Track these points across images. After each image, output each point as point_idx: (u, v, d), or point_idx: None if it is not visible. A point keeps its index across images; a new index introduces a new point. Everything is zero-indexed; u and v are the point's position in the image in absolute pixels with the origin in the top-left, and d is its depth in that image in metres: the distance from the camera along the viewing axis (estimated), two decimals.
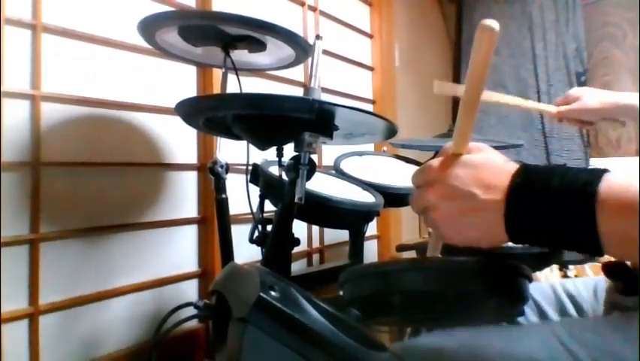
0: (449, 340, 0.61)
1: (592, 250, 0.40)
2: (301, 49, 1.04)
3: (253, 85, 1.47)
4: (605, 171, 0.40)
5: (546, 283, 0.78)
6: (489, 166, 0.45)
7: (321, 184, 1.05)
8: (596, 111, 1.03)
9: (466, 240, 0.47)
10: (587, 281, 0.76)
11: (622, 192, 0.38)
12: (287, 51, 1.07)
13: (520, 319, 0.72)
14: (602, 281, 0.73)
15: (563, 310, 0.73)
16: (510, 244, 0.83)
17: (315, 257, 1.76)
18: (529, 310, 0.72)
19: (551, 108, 1.10)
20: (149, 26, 0.97)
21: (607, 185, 0.39)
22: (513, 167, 0.44)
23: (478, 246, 0.47)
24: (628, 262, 0.66)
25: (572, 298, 0.73)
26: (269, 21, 0.93)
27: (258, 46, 1.03)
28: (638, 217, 0.37)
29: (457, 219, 0.46)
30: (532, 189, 0.42)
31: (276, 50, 1.07)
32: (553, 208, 0.40)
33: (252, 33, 0.98)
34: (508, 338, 0.60)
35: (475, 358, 0.56)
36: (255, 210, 1.03)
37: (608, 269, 0.67)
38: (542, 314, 0.73)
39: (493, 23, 0.41)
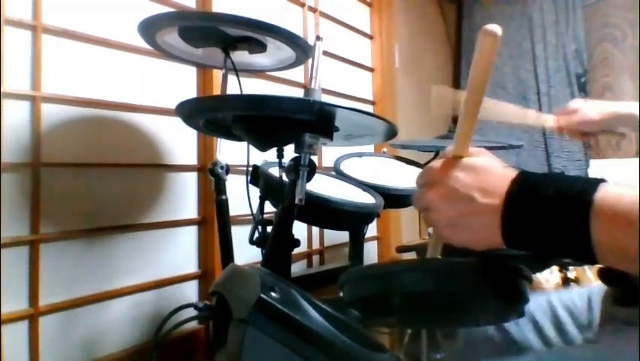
0: None
1: (585, 258, 0.41)
2: (301, 50, 1.04)
3: (253, 86, 1.47)
4: (601, 180, 0.41)
5: (541, 294, 0.78)
6: (489, 171, 0.46)
7: (321, 185, 1.05)
8: (596, 123, 1.04)
9: (462, 241, 0.48)
10: (582, 291, 0.76)
11: (616, 202, 0.39)
12: (287, 52, 1.07)
13: (516, 332, 0.72)
14: (596, 292, 0.73)
15: (558, 322, 0.73)
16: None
17: (315, 258, 1.76)
18: (524, 322, 0.72)
19: (549, 120, 1.11)
20: (150, 27, 0.97)
21: (602, 194, 0.39)
22: (512, 173, 0.45)
23: (473, 248, 0.48)
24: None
25: (568, 309, 0.73)
26: (269, 22, 0.93)
27: (259, 47, 1.03)
28: (632, 227, 0.37)
29: (455, 220, 0.47)
30: (529, 195, 0.43)
31: (276, 51, 1.07)
32: (549, 216, 0.41)
33: (252, 34, 0.98)
34: None
35: None
36: (255, 211, 1.03)
37: (605, 275, 0.67)
38: (537, 327, 0.73)
39: (495, 28, 0.42)
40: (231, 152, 1.16)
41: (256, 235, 0.99)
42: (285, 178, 0.84)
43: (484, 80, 0.44)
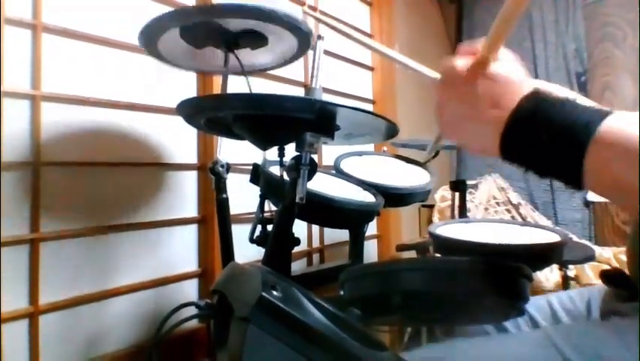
0: (447, 351, 0.61)
1: (574, 182, 0.42)
2: (303, 37, 1.03)
3: (254, 85, 1.46)
4: (608, 113, 0.41)
5: (541, 296, 0.78)
6: (506, 83, 0.46)
7: (321, 184, 1.05)
8: None
9: (460, 141, 0.51)
10: (582, 292, 0.76)
11: (617, 135, 0.39)
12: (289, 42, 1.06)
13: (515, 331, 0.72)
14: (596, 293, 0.73)
15: (557, 324, 0.72)
16: (509, 244, 0.83)
17: (315, 257, 1.76)
18: (524, 323, 0.72)
19: None
20: (151, 32, 0.95)
21: (604, 128, 0.40)
22: (527, 88, 0.45)
23: (469, 150, 0.51)
24: (626, 271, 0.66)
25: (567, 311, 0.73)
26: (268, 7, 0.91)
27: (260, 41, 1.02)
28: (631, 159, 0.38)
29: (459, 121, 0.49)
30: (535, 119, 0.43)
31: (277, 43, 1.06)
32: (550, 140, 0.42)
33: (252, 25, 0.97)
34: (504, 345, 0.60)
35: None
36: (255, 210, 1.03)
37: (606, 277, 0.67)
38: (537, 327, 0.73)
39: None
40: (232, 150, 1.16)
41: (256, 233, 0.99)
42: (285, 177, 0.84)
43: None
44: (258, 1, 0.87)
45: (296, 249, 0.90)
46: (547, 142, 0.42)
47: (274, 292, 0.45)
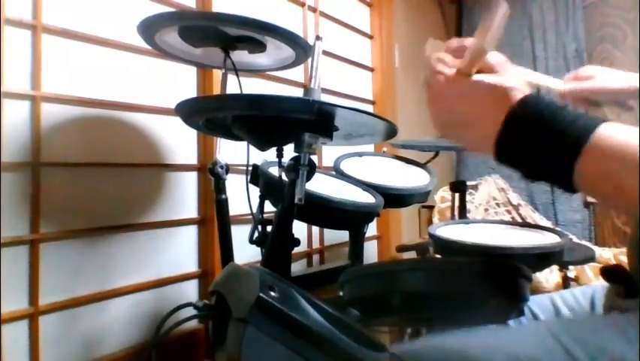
0: (447, 341, 0.61)
1: (567, 185, 0.42)
2: (301, 49, 1.04)
3: (253, 86, 1.47)
4: (602, 121, 0.41)
5: (545, 295, 0.77)
6: (493, 89, 0.46)
7: (321, 185, 1.05)
8: (614, 92, 0.98)
9: (454, 139, 0.51)
10: (585, 290, 0.76)
11: (610, 142, 0.40)
12: (287, 52, 1.07)
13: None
14: (599, 291, 0.72)
15: None
16: (509, 244, 0.83)
17: (315, 258, 1.76)
18: (526, 322, 0.72)
19: (559, 84, 1.04)
20: (149, 27, 0.97)
21: (597, 136, 0.40)
22: (518, 93, 0.45)
23: (465, 147, 0.51)
24: (626, 266, 0.66)
25: (571, 308, 0.73)
26: (269, 22, 0.93)
27: (258, 47, 1.03)
28: (624, 161, 0.38)
29: (455, 130, 0.49)
30: (530, 122, 0.43)
31: (275, 51, 1.07)
32: (543, 146, 0.42)
33: (251, 34, 0.98)
34: (506, 336, 0.60)
35: (471, 357, 0.56)
36: (254, 210, 1.03)
37: (607, 273, 0.66)
38: None
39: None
40: (231, 151, 1.16)
41: (256, 234, 0.99)
42: (284, 178, 0.84)
43: None
44: (260, 6, 0.87)
45: (296, 250, 0.90)
46: (540, 145, 0.42)
47: (272, 293, 0.45)
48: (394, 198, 1.19)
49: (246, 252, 1.18)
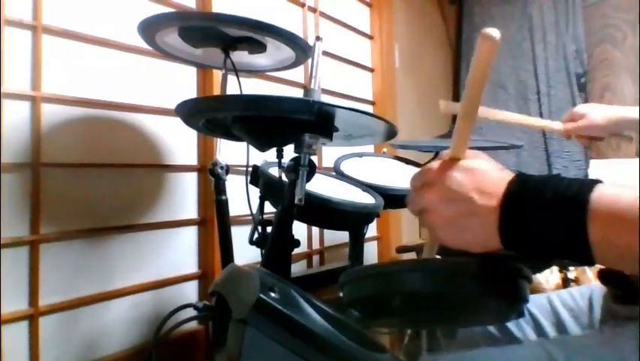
0: None
1: (583, 259, 0.41)
2: (301, 50, 1.04)
3: (253, 86, 1.47)
4: (597, 181, 0.41)
5: (542, 294, 0.77)
6: (486, 172, 0.46)
7: (321, 186, 1.05)
8: (603, 127, 1.05)
9: (460, 243, 0.48)
10: (583, 290, 0.76)
11: (612, 203, 0.39)
12: (287, 52, 1.07)
13: (517, 332, 0.71)
14: (597, 291, 0.72)
15: (559, 323, 0.72)
16: None
17: (315, 258, 1.76)
18: (525, 323, 0.72)
19: (557, 125, 1.12)
20: (150, 28, 0.97)
21: (598, 195, 0.40)
22: (509, 175, 0.46)
23: (471, 250, 0.47)
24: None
25: (569, 309, 0.73)
26: (269, 22, 0.93)
27: (258, 47, 1.03)
28: (628, 228, 0.38)
29: (453, 221, 0.46)
30: (527, 196, 0.43)
31: (275, 52, 1.07)
32: (546, 217, 0.41)
33: (251, 34, 0.98)
34: (502, 357, 0.60)
35: None
36: (254, 211, 1.03)
37: (604, 276, 0.66)
38: (538, 327, 0.72)
39: (494, 32, 0.42)
40: (231, 152, 1.16)
41: (256, 235, 0.99)
42: (284, 178, 0.84)
43: (481, 83, 0.45)
44: (260, 7, 0.87)
45: (296, 250, 0.90)
46: (545, 217, 0.41)
47: (272, 294, 0.45)
48: (394, 199, 1.19)
49: (245, 253, 1.18)
